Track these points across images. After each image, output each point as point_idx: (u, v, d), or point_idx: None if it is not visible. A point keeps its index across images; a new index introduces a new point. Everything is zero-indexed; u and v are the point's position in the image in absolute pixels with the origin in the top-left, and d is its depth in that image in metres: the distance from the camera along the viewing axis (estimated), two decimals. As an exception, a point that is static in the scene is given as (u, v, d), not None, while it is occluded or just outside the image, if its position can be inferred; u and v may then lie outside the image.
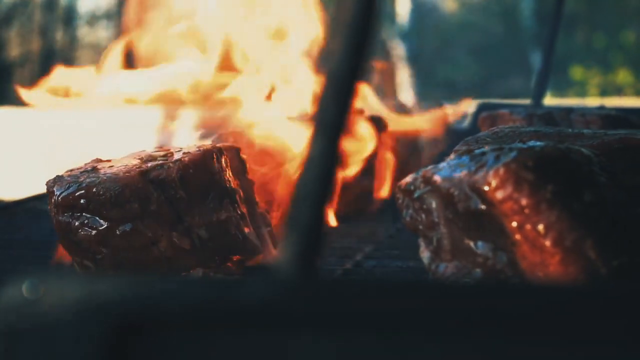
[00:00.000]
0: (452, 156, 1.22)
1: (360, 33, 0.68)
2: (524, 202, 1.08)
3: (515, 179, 1.08)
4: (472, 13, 12.78)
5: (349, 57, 0.68)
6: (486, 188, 1.09)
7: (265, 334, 0.63)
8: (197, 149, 1.42)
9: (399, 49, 10.78)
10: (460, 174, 1.13)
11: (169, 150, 1.45)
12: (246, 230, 1.44)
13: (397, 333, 0.62)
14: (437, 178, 1.14)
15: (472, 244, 1.12)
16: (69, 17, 11.85)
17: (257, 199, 1.56)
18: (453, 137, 2.17)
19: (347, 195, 1.89)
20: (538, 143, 1.16)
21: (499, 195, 1.08)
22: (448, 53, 12.45)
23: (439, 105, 2.39)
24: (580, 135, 1.44)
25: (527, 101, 2.77)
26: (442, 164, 1.17)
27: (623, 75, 10.45)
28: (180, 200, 1.38)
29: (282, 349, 0.63)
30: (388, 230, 1.89)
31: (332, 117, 0.68)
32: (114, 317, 0.64)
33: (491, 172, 1.09)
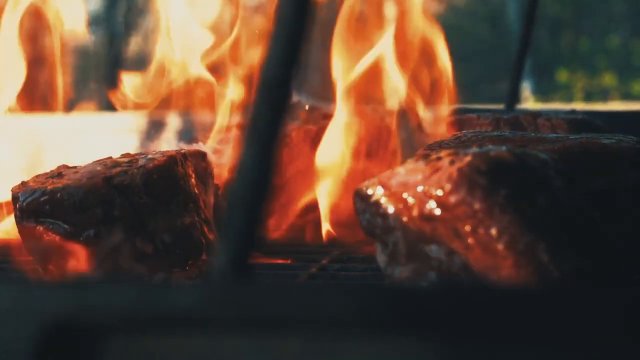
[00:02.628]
0: (410, 161, 1.23)
1: (293, 39, 0.69)
2: (476, 206, 1.09)
3: (468, 183, 1.09)
4: (458, 17, 12.80)
5: (282, 63, 0.69)
6: (440, 192, 1.10)
7: (195, 339, 0.64)
8: (162, 155, 1.43)
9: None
10: (416, 178, 1.14)
11: (133, 156, 1.46)
12: (210, 234, 1.45)
13: (325, 335, 0.63)
14: (393, 183, 1.16)
15: (426, 247, 1.13)
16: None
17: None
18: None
19: None
20: (493, 147, 1.18)
21: (452, 199, 1.10)
22: (435, 57, 12.44)
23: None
24: (542, 140, 1.45)
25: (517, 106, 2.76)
26: (399, 169, 1.18)
27: (608, 79, 10.50)
28: (144, 205, 1.39)
29: (210, 352, 0.63)
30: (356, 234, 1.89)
31: (265, 123, 0.69)
32: (46, 321, 0.65)
33: (445, 177, 1.11)
